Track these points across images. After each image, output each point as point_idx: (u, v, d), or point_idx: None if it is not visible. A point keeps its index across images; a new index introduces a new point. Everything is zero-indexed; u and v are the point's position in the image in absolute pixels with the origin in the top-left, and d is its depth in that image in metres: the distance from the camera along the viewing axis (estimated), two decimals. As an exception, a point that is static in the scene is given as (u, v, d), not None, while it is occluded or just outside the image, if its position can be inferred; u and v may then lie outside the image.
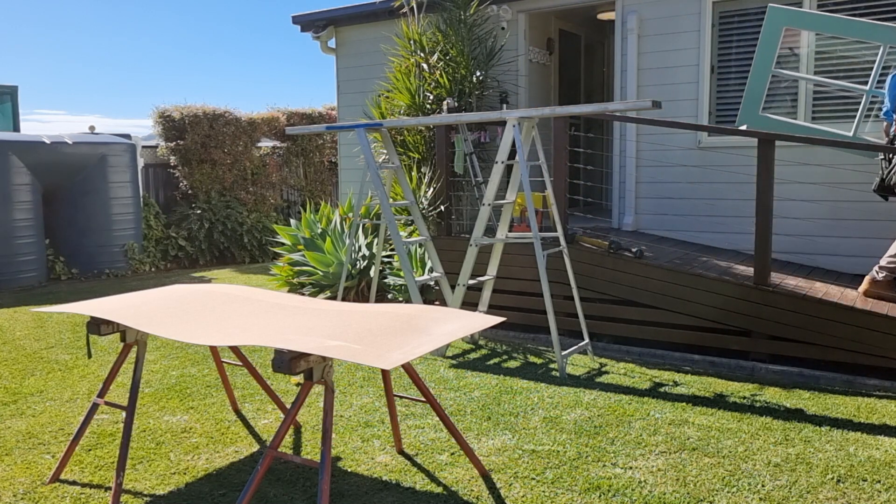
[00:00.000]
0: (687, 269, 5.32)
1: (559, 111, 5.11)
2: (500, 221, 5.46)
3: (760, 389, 4.51)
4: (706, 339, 5.22)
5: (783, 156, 5.57)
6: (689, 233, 6.73)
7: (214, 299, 3.34)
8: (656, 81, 6.84)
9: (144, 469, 3.38)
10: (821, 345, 4.79)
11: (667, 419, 3.96)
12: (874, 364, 4.65)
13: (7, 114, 11.31)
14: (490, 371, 4.91)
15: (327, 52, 9.23)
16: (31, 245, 8.81)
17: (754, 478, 3.23)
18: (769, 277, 5.03)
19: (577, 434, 3.75)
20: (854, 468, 3.33)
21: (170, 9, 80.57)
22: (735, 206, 6.42)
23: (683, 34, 6.71)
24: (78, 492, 3.15)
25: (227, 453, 3.57)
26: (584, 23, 9.06)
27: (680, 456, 3.47)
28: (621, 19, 7.03)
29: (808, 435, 3.73)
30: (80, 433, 3.25)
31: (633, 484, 3.17)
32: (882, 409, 4.14)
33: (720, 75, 6.71)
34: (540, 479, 3.23)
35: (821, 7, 6.19)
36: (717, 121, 6.74)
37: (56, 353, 5.51)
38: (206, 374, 4.87)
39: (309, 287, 7.21)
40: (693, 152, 6.66)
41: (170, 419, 4.05)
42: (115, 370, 3.23)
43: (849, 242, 6.07)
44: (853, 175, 5.91)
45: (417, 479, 3.25)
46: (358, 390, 4.52)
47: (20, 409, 4.26)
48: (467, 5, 7.34)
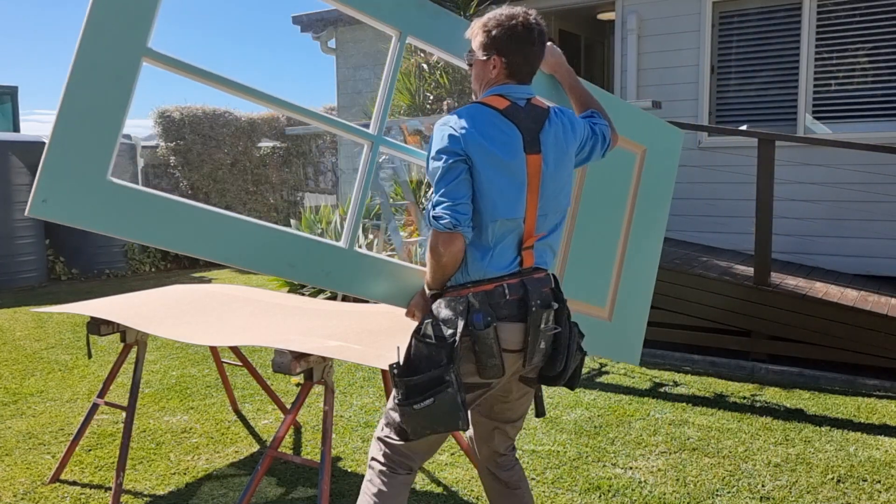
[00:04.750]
0: (687, 269, 5.32)
1: (559, 111, 5.10)
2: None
3: (760, 389, 4.51)
4: (706, 339, 5.21)
5: (783, 156, 5.57)
6: (690, 233, 6.73)
7: (214, 299, 3.33)
8: (656, 81, 6.84)
9: (144, 469, 3.38)
10: (821, 345, 4.78)
11: (667, 419, 3.96)
12: (874, 364, 4.64)
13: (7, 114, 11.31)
14: (490, 371, 4.90)
15: (327, 52, 9.23)
16: (31, 245, 8.81)
17: (754, 478, 3.23)
18: (769, 278, 5.03)
19: (577, 434, 3.75)
20: (854, 468, 3.33)
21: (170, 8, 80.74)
22: (735, 207, 6.42)
23: (683, 34, 6.71)
24: (78, 492, 3.15)
25: (227, 453, 3.57)
26: (583, 23, 9.05)
27: (680, 456, 3.47)
28: (621, 19, 7.03)
29: (809, 435, 3.73)
30: (80, 433, 3.25)
31: (633, 484, 3.17)
32: (882, 409, 4.14)
33: (720, 75, 6.71)
34: (540, 479, 3.23)
35: (820, 8, 6.19)
36: (717, 121, 6.74)
37: (56, 354, 5.50)
38: (206, 375, 4.87)
39: (309, 287, 7.21)
40: (693, 152, 6.66)
41: (170, 419, 4.04)
42: (115, 370, 3.23)
43: (849, 242, 6.07)
44: (853, 175, 5.91)
45: (417, 479, 3.24)
46: (358, 390, 4.52)
47: (20, 409, 4.26)
48: (468, 5, 7.34)
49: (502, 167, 1.93)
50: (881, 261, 5.97)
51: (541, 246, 2.03)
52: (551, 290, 2.03)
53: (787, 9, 6.34)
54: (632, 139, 2.73)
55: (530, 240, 1.99)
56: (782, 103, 6.47)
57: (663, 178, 2.90)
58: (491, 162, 1.92)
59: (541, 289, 1.98)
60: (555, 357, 2.00)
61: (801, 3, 6.21)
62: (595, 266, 2.76)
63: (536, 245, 2.01)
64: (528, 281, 1.96)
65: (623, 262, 2.81)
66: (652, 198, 2.85)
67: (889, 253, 5.93)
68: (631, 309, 2.86)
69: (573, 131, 2.09)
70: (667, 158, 2.89)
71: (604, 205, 2.74)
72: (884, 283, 5.72)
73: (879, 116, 6.08)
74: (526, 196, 1.96)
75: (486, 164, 1.92)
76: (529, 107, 2.01)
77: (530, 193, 1.97)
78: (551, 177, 2.00)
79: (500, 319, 1.93)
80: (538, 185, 1.98)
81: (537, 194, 1.98)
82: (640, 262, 2.86)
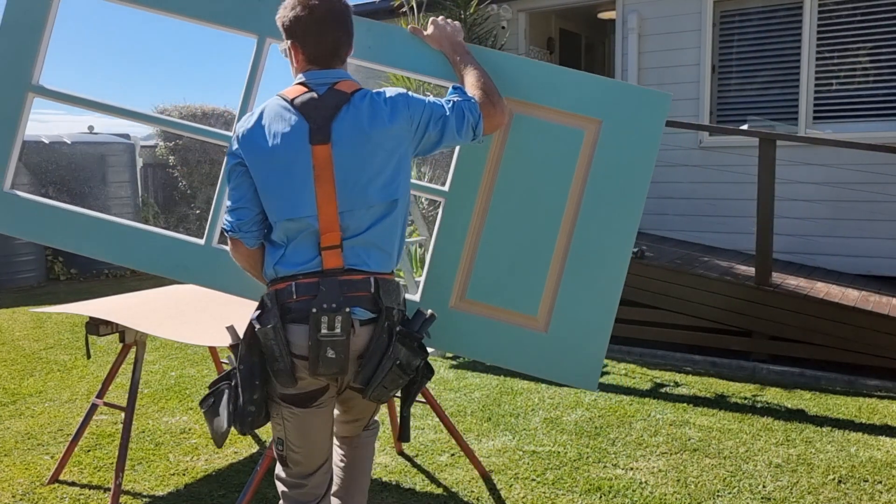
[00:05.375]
0: (688, 269, 5.31)
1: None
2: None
3: (761, 390, 4.50)
4: (707, 339, 5.20)
5: (784, 155, 5.56)
6: (691, 233, 6.72)
7: (213, 300, 3.32)
8: (657, 81, 6.83)
9: (144, 470, 3.37)
10: (822, 345, 4.77)
11: (668, 420, 3.94)
12: (875, 364, 4.63)
13: (6, 113, 11.29)
14: (490, 372, 4.90)
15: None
16: (30, 245, 8.78)
17: (755, 478, 3.22)
18: (770, 277, 5.02)
19: (578, 435, 3.74)
20: (855, 469, 3.32)
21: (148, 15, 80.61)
22: (736, 206, 6.40)
23: (684, 33, 6.69)
24: (77, 493, 3.13)
25: (227, 454, 3.56)
26: (584, 22, 9.04)
27: (681, 457, 3.46)
28: (622, 18, 7.02)
29: (810, 435, 3.72)
30: (79, 434, 3.24)
31: (633, 485, 3.16)
32: (883, 409, 4.12)
33: (721, 75, 6.70)
34: (540, 479, 3.22)
35: (821, 7, 6.18)
36: (717, 120, 6.73)
37: (55, 354, 5.49)
38: (206, 375, 4.86)
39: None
40: (694, 152, 6.64)
41: (169, 420, 4.03)
42: (114, 371, 3.22)
43: (850, 243, 6.06)
44: (854, 175, 5.90)
45: (418, 480, 3.24)
46: (358, 391, 4.51)
47: (19, 409, 4.25)
48: (467, 4, 7.32)
49: (279, 164, 1.83)
50: (883, 261, 5.95)
51: (357, 245, 1.85)
52: (370, 294, 1.84)
53: (788, 8, 6.33)
54: (575, 111, 2.24)
55: (330, 238, 1.82)
56: (783, 103, 6.46)
57: (634, 158, 2.24)
58: (265, 161, 1.84)
59: (346, 292, 1.80)
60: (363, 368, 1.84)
61: (802, 2, 6.19)
62: (518, 265, 2.26)
63: (349, 244, 1.84)
64: (328, 282, 1.80)
65: (566, 262, 2.25)
66: (615, 183, 2.24)
67: (891, 253, 5.91)
68: (581, 319, 2.26)
69: (386, 115, 1.85)
70: (636, 132, 2.23)
71: (530, 193, 2.25)
72: (885, 283, 5.71)
73: (881, 116, 6.06)
74: (315, 191, 1.81)
75: (261, 163, 1.85)
76: (329, 93, 1.86)
77: (322, 187, 1.81)
78: (350, 167, 1.82)
79: (290, 321, 1.81)
80: (331, 177, 1.81)
81: (332, 188, 1.81)
82: (594, 261, 2.25)
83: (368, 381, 1.84)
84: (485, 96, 2.02)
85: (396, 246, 1.94)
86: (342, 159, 1.82)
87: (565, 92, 2.24)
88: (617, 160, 2.23)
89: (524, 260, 2.25)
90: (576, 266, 2.24)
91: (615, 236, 2.24)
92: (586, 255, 2.24)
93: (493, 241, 2.26)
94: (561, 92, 2.24)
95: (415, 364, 1.87)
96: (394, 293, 1.89)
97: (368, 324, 1.84)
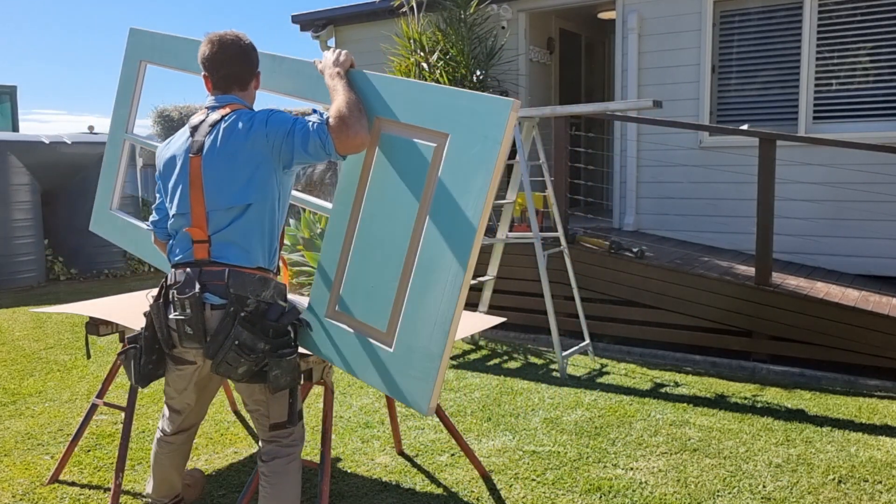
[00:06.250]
0: (688, 269, 5.31)
1: (560, 111, 5.09)
2: (500, 221, 5.45)
3: (761, 390, 4.50)
4: (707, 339, 5.20)
5: (784, 155, 5.56)
6: (691, 233, 6.72)
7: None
8: (657, 81, 6.83)
9: (144, 470, 3.37)
10: (822, 345, 4.77)
11: (668, 420, 3.94)
12: (875, 364, 4.63)
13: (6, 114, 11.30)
14: (490, 372, 4.90)
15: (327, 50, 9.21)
16: (30, 245, 8.79)
17: (755, 478, 3.22)
18: (770, 278, 5.02)
19: (578, 435, 3.74)
20: (855, 469, 3.32)
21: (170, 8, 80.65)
22: (736, 206, 6.41)
23: (684, 33, 6.69)
24: (77, 493, 3.13)
25: (227, 454, 3.56)
26: (584, 22, 9.04)
27: (681, 457, 3.46)
28: (622, 18, 7.02)
29: (810, 436, 3.72)
30: (79, 434, 3.24)
31: (633, 485, 3.16)
32: (883, 409, 4.12)
33: (721, 75, 6.70)
34: (540, 480, 3.22)
35: (821, 7, 6.18)
36: (718, 120, 6.73)
37: (55, 354, 5.49)
38: (206, 375, 4.85)
39: (308, 287, 7.20)
40: (694, 152, 6.65)
41: (169, 420, 4.03)
42: (114, 371, 3.22)
43: (850, 242, 6.06)
44: (854, 175, 5.90)
45: (417, 480, 3.24)
46: (358, 391, 4.50)
47: (19, 409, 4.25)
48: (467, 4, 7.32)
49: (173, 171, 2.33)
50: (883, 261, 5.95)
51: (219, 240, 2.25)
52: (223, 284, 2.20)
53: (788, 8, 6.33)
54: (428, 126, 2.19)
55: (198, 233, 2.24)
56: (783, 103, 6.45)
57: (470, 171, 2.09)
58: (165, 170, 2.36)
59: (206, 281, 2.21)
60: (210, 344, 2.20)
61: (802, 2, 6.19)
62: (373, 279, 2.27)
63: (214, 239, 2.24)
64: (193, 272, 2.23)
65: (411, 278, 2.17)
66: (455, 197, 2.12)
67: (891, 253, 5.91)
68: (416, 338, 2.14)
69: (243, 133, 2.23)
70: (477, 143, 2.08)
71: (390, 209, 2.26)
72: (885, 283, 5.71)
73: (881, 116, 6.06)
74: (189, 194, 2.26)
75: (163, 172, 2.37)
76: (214, 114, 2.31)
77: (194, 191, 2.25)
78: (214, 175, 2.24)
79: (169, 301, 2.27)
80: (201, 183, 2.24)
81: (201, 192, 2.24)
82: (431, 280, 2.13)
83: (214, 356, 2.19)
84: (338, 118, 2.20)
85: (256, 244, 2.27)
86: (209, 169, 2.24)
87: (423, 107, 2.22)
88: (459, 174, 2.13)
89: (381, 275, 2.26)
90: (417, 283, 2.17)
91: (450, 253, 2.10)
92: (426, 273, 2.16)
93: (360, 256, 2.33)
94: (420, 107, 2.23)
95: (259, 347, 2.17)
96: (250, 285, 2.22)
97: (219, 308, 2.19)
